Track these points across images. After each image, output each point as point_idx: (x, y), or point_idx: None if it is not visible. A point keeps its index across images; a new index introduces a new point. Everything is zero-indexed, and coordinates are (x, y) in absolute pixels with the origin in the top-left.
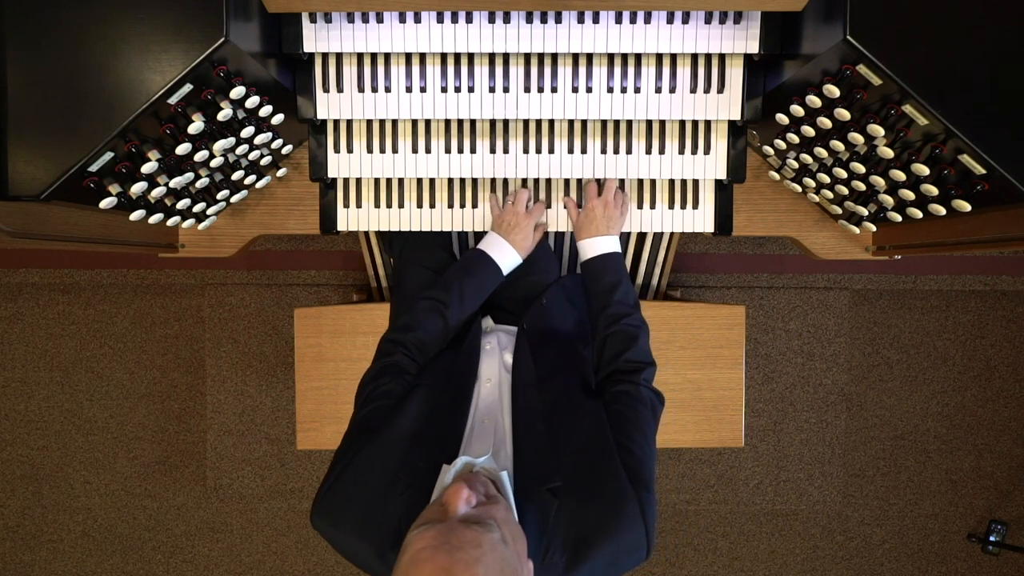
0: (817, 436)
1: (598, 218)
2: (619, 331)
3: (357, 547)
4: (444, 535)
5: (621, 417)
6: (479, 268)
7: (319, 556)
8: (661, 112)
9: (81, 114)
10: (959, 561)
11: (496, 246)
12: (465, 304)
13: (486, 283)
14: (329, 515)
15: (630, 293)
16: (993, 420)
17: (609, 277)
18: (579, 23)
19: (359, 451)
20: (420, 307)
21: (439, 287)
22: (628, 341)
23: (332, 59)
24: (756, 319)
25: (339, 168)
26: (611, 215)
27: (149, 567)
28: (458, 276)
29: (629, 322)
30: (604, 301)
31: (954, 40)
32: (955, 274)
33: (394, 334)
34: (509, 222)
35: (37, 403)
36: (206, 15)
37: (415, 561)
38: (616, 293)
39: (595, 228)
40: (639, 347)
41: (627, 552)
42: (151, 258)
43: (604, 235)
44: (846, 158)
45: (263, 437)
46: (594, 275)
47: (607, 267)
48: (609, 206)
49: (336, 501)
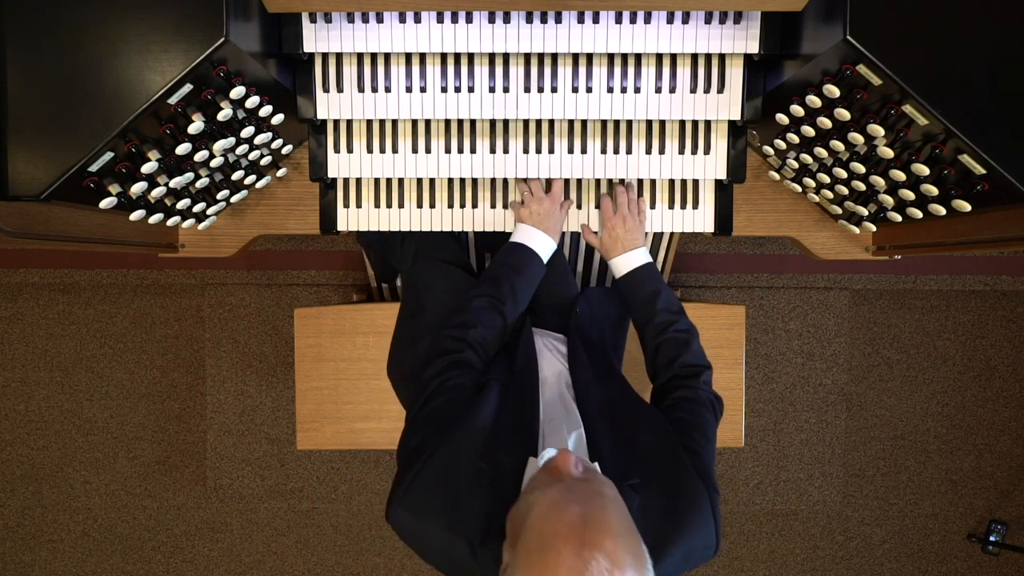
0: (817, 436)
1: (621, 236)
2: (669, 338)
3: (444, 542)
4: (567, 490)
5: (684, 423)
6: (524, 263)
7: (319, 556)
8: (661, 112)
9: (81, 114)
10: (959, 561)
11: (534, 237)
12: (518, 300)
13: (533, 277)
14: (415, 507)
15: (672, 300)
16: (993, 420)
17: (647, 288)
18: (579, 23)
19: (442, 442)
20: (476, 304)
21: (489, 284)
22: (680, 346)
23: (332, 59)
24: (756, 319)
25: (339, 168)
26: (632, 228)
27: (149, 567)
28: (506, 272)
29: (677, 328)
30: (649, 312)
31: (954, 40)
32: (955, 274)
33: (455, 331)
34: (538, 211)
35: (37, 403)
36: (206, 15)
37: (548, 514)
38: (658, 302)
39: (621, 246)
40: (693, 351)
41: (700, 549)
42: (151, 258)
43: (632, 249)
44: (846, 158)
45: (263, 437)
46: (632, 290)
47: (644, 280)
48: (628, 220)
49: (422, 492)
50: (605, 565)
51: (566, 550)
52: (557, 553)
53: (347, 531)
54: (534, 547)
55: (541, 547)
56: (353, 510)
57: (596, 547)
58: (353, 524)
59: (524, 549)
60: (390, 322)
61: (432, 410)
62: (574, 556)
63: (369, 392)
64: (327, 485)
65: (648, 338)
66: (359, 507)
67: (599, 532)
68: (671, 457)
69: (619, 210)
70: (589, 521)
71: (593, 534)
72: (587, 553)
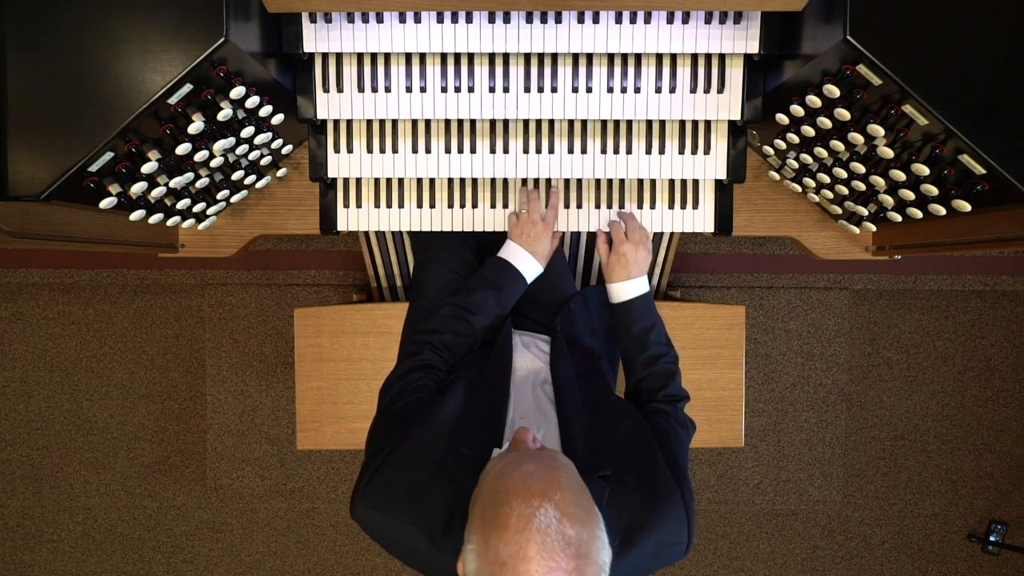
0: (817, 436)
1: (630, 262)
2: (658, 370)
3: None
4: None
5: (660, 429)
6: (504, 279)
7: (319, 556)
8: (661, 112)
9: (81, 114)
10: (959, 561)
11: (519, 256)
12: (490, 313)
13: (511, 293)
14: (377, 501)
15: (664, 332)
16: (993, 420)
17: (644, 321)
18: (579, 23)
19: (403, 437)
20: (444, 312)
21: (463, 294)
22: (667, 377)
23: (332, 59)
24: (756, 319)
25: (339, 168)
26: (640, 257)
27: (149, 567)
28: (482, 286)
29: (667, 360)
30: (642, 343)
31: (954, 40)
32: (955, 274)
33: (420, 335)
34: (529, 233)
35: (37, 403)
36: (206, 15)
37: (502, 473)
38: (652, 334)
39: (627, 272)
40: (676, 382)
41: (670, 544)
42: (151, 258)
43: (635, 278)
44: (846, 158)
45: (263, 437)
46: (629, 319)
47: (643, 311)
48: (639, 248)
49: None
50: (554, 514)
51: (516, 501)
52: (508, 507)
53: (347, 531)
54: (488, 504)
55: (494, 503)
56: None
57: (545, 497)
58: (353, 524)
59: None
60: (390, 322)
61: (399, 410)
62: (524, 506)
63: (369, 392)
64: (327, 485)
65: (637, 366)
66: None
67: (549, 486)
68: (647, 455)
69: (631, 235)
70: (540, 476)
71: (542, 487)
72: (536, 502)
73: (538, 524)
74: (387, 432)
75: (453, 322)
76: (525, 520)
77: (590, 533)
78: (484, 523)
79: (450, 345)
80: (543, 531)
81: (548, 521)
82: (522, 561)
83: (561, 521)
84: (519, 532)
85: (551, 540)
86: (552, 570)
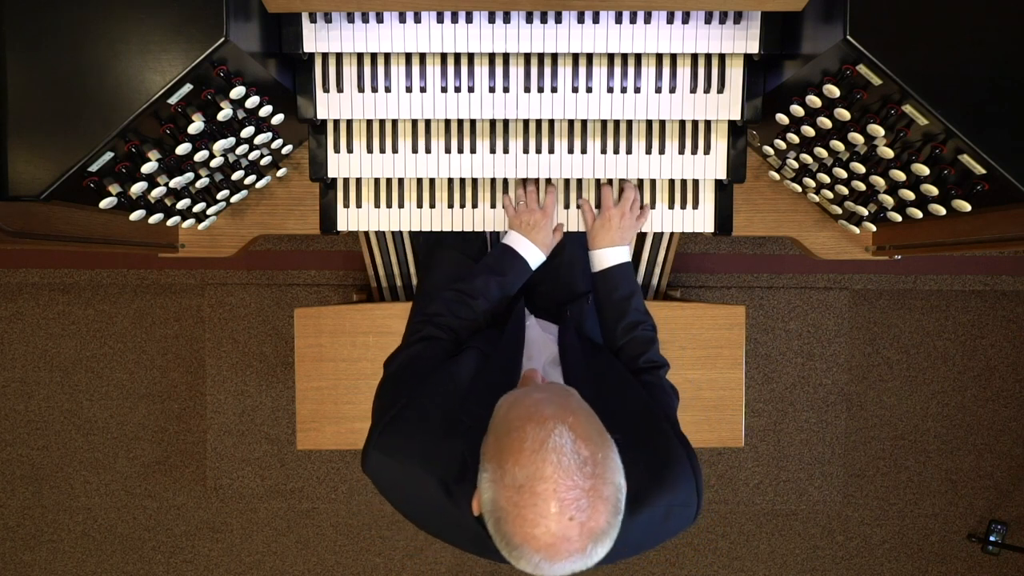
0: (817, 436)
1: (614, 228)
2: (637, 336)
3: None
4: (532, 387)
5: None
6: (505, 265)
7: (319, 556)
8: (661, 112)
9: (81, 114)
10: (959, 561)
11: (520, 243)
12: (491, 297)
13: (512, 279)
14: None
15: (642, 301)
16: (993, 420)
17: (624, 288)
18: (579, 23)
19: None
20: (446, 296)
21: (467, 279)
22: (646, 344)
23: (332, 59)
24: (756, 319)
25: (339, 168)
26: (626, 225)
27: (149, 567)
28: (484, 271)
29: (646, 328)
30: (621, 310)
31: (954, 40)
32: (955, 274)
33: (423, 317)
34: (528, 222)
35: (37, 403)
36: (206, 15)
37: (514, 403)
38: (633, 301)
39: (610, 238)
40: (655, 348)
41: (680, 506)
42: (151, 258)
43: (618, 245)
44: (846, 158)
45: (263, 437)
46: (610, 286)
47: (623, 278)
48: (626, 216)
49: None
50: (568, 435)
51: (530, 426)
52: (522, 431)
53: (347, 531)
54: (501, 432)
55: (508, 430)
56: (353, 510)
57: (558, 419)
58: (353, 524)
59: (492, 438)
60: (390, 322)
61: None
62: (538, 428)
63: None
64: (327, 485)
65: (617, 334)
66: (359, 507)
67: (562, 409)
68: (653, 421)
69: (621, 204)
70: (552, 401)
71: (555, 410)
72: (550, 424)
73: (553, 444)
74: (399, 388)
75: (456, 305)
76: (540, 442)
77: (604, 453)
78: (499, 450)
79: (453, 327)
80: (558, 451)
81: (563, 441)
82: (540, 481)
83: (576, 441)
84: (535, 453)
85: (567, 459)
86: (570, 488)
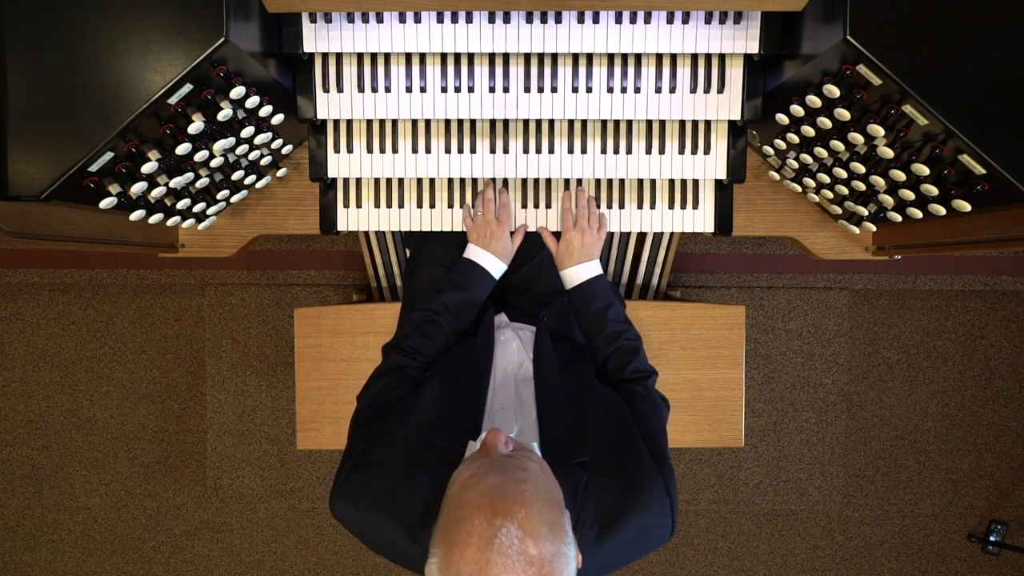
0: (817, 436)
1: (576, 249)
2: (620, 347)
3: (383, 528)
4: (490, 463)
5: (638, 412)
6: (468, 279)
7: (319, 556)
8: (661, 112)
9: (81, 114)
10: (959, 561)
11: (480, 256)
12: (457, 312)
13: (479, 292)
14: (353, 496)
15: (621, 311)
16: (993, 420)
17: (600, 301)
18: (579, 23)
19: (379, 434)
20: (414, 318)
21: (433, 297)
22: (631, 353)
23: (332, 59)
24: (756, 319)
25: (339, 168)
26: (589, 243)
27: (149, 567)
28: (448, 288)
29: (628, 337)
30: (600, 323)
31: (954, 40)
32: (955, 274)
33: (392, 341)
34: (484, 234)
35: (37, 403)
36: (206, 15)
37: (466, 485)
38: (610, 313)
39: (575, 258)
40: (641, 357)
41: (653, 527)
42: (151, 258)
43: (585, 262)
44: (846, 158)
45: (263, 437)
46: (584, 301)
47: (596, 292)
48: (586, 234)
49: (360, 482)
50: (516, 534)
51: (478, 519)
52: (470, 523)
53: (347, 531)
54: (451, 518)
55: (457, 518)
56: None
57: (507, 516)
58: None
59: (443, 521)
60: (390, 322)
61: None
62: (486, 524)
63: None
64: (327, 485)
65: (600, 345)
66: None
67: (512, 502)
68: (627, 439)
69: (579, 223)
70: (504, 491)
71: (506, 504)
72: (498, 521)
73: (499, 544)
74: (365, 428)
75: (424, 326)
76: (487, 540)
77: (555, 550)
78: (446, 538)
79: (420, 349)
80: (504, 552)
81: (510, 541)
82: None
83: (524, 540)
84: (480, 551)
85: (512, 561)
86: None
